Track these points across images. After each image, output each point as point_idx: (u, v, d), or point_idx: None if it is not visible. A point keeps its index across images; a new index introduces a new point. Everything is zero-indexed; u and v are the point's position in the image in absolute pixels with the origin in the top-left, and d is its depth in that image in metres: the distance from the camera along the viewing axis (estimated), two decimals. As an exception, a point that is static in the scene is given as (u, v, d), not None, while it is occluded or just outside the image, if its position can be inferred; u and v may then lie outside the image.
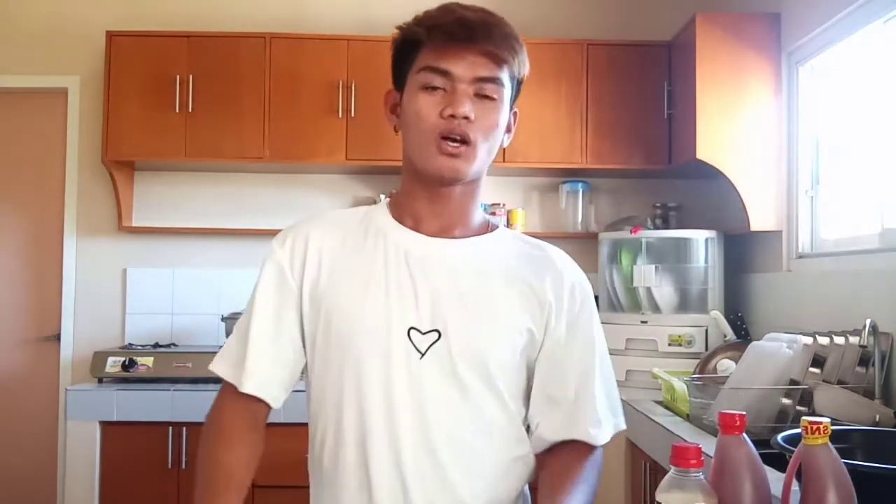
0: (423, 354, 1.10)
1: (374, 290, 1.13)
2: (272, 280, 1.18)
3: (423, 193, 1.18)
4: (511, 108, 1.19)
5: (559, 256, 1.22)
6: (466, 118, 1.09)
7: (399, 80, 1.18)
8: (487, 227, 1.22)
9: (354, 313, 1.12)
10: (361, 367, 1.11)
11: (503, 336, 1.14)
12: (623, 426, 1.19)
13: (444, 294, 1.13)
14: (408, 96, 1.14)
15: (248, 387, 1.15)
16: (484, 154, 1.14)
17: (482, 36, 1.10)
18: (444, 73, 1.10)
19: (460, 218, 1.19)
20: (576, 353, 1.17)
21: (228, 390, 1.17)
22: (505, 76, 1.13)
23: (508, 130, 1.19)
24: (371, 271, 1.14)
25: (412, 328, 1.11)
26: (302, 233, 1.19)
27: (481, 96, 1.11)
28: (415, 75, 1.13)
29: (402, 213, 1.19)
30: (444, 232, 1.18)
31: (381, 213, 1.21)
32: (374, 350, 1.11)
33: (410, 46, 1.14)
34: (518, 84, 1.17)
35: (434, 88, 1.11)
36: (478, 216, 1.22)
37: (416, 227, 1.17)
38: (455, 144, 1.10)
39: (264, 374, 1.16)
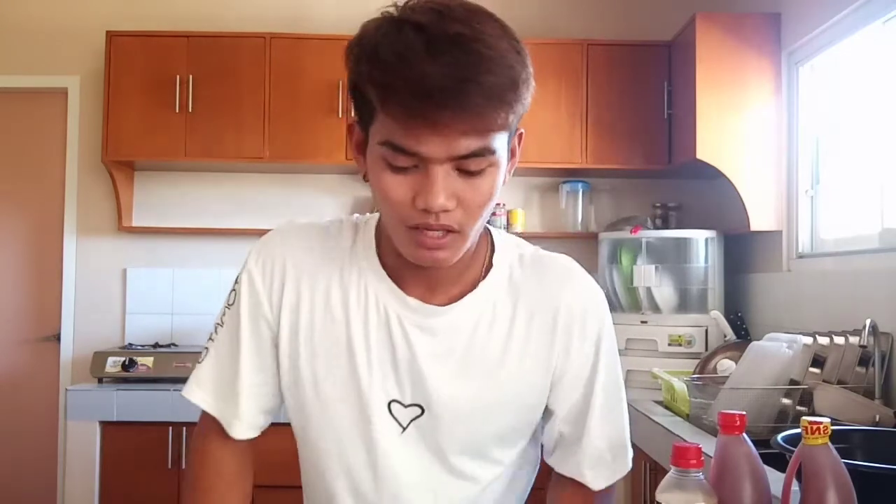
0: (404, 428, 1.00)
1: (359, 356, 0.99)
2: (251, 309, 1.04)
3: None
4: (511, 140, 0.93)
5: (563, 283, 1.04)
6: (446, 211, 0.86)
7: (360, 121, 0.91)
8: (483, 266, 1.02)
9: (335, 381, 1.00)
10: (342, 439, 1.01)
11: (505, 413, 1.02)
12: (623, 472, 1.06)
13: (428, 368, 0.98)
14: (371, 164, 0.89)
15: (239, 432, 1.04)
16: (477, 230, 0.92)
17: (455, 108, 0.79)
18: (412, 154, 0.84)
19: (451, 276, 1.00)
20: (573, 383, 1.04)
21: (214, 428, 1.06)
22: (498, 139, 0.86)
23: (513, 155, 0.94)
24: (354, 333, 1.00)
25: (393, 401, 1.00)
26: (278, 257, 1.04)
27: (466, 172, 0.86)
28: (377, 146, 0.87)
29: (385, 255, 1.02)
30: (430, 293, 1.00)
31: (367, 248, 1.03)
32: (354, 422, 1.00)
33: (364, 99, 0.86)
34: (519, 117, 0.91)
35: (401, 167, 0.86)
36: (476, 256, 1.02)
37: (399, 284, 1.01)
38: (435, 235, 0.88)
39: (255, 418, 1.05)
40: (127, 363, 3.17)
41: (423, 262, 0.91)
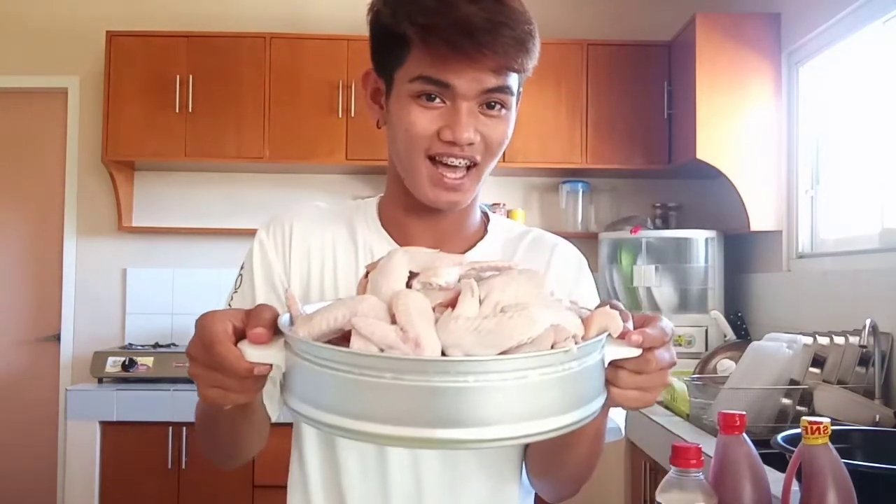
0: None
1: None
2: (265, 276, 1.09)
3: (411, 204, 1.04)
4: (519, 93, 1.03)
5: (551, 251, 1.10)
6: (471, 144, 0.95)
7: (382, 68, 1.00)
8: (481, 229, 1.11)
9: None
10: None
11: None
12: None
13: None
14: (397, 102, 0.97)
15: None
16: (488, 171, 1.00)
17: (491, 47, 0.91)
18: (445, 87, 0.93)
19: (456, 228, 1.08)
20: None
21: None
22: (514, 81, 0.97)
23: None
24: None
25: None
26: (286, 221, 1.12)
27: (488, 106, 0.96)
28: (406, 83, 0.95)
29: (390, 222, 1.08)
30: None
31: (370, 220, 1.09)
32: None
33: (397, 41, 0.95)
34: (525, 76, 1.02)
35: (431, 98, 0.94)
36: (475, 216, 1.10)
37: (406, 244, 1.04)
38: (454, 176, 0.97)
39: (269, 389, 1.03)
40: (127, 363, 3.17)
41: (439, 202, 0.98)
